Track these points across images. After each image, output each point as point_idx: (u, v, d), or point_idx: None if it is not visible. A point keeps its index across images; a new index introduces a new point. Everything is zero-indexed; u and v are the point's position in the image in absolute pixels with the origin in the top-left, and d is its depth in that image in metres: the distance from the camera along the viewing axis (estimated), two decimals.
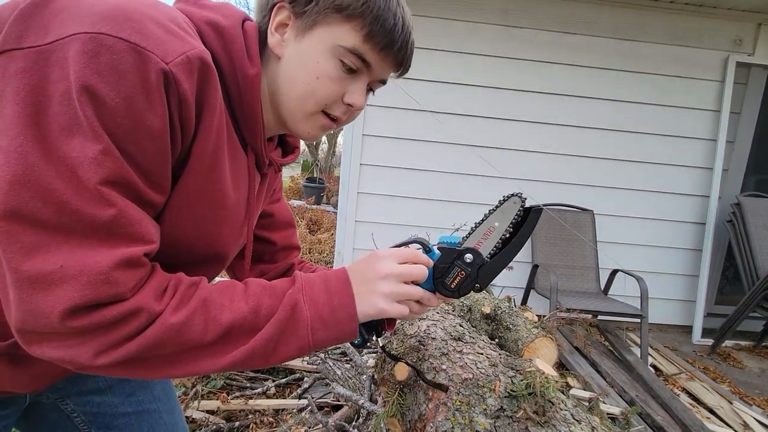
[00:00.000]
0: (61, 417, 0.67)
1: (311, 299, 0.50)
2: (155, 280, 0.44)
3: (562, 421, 0.65)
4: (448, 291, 0.56)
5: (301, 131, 0.57)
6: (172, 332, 0.43)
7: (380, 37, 0.51)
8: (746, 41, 2.87)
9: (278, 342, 0.48)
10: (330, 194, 7.31)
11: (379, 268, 0.53)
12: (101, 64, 0.37)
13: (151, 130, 0.40)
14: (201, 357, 0.46)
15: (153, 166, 0.43)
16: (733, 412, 2.00)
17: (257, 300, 0.48)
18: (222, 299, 0.47)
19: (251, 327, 0.47)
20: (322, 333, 0.49)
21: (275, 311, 0.48)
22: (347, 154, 2.94)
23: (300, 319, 0.48)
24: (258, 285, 0.50)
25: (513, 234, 0.53)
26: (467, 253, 0.55)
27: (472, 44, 2.82)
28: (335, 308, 0.50)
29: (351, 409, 1.57)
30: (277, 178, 0.78)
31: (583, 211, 2.93)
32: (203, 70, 0.44)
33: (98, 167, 0.38)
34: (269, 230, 0.79)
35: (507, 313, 1.44)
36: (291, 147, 0.71)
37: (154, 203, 0.45)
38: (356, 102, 0.55)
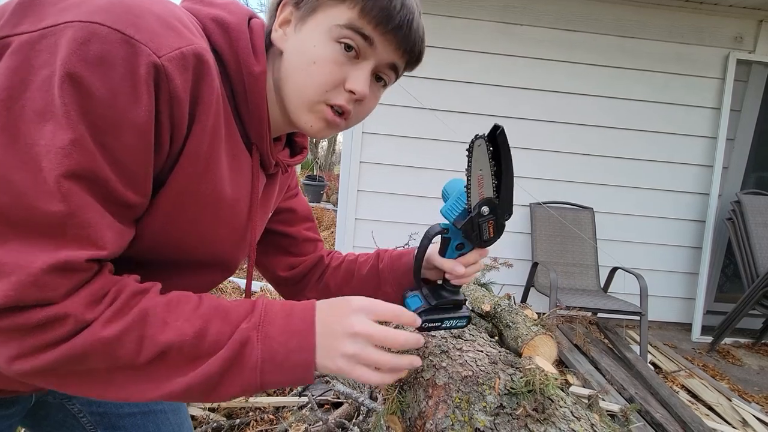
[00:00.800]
0: (68, 417, 0.67)
1: (266, 337, 0.44)
2: (95, 285, 0.40)
3: (561, 418, 0.65)
4: (491, 241, 0.59)
5: (305, 124, 0.54)
6: (100, 346, 0.39)
7: (375, 11, 0.48)
8: (747, 38, 2.86)
9: (221, 380, 0.43)
10: (330, 192, 7.31)
11: (350, 323, 0.46)
12: (90, 52, 0.36)
13: (135, 125, 0.39)
14: (132, 380, 0.41)
15: (133, 163, 0.40)
16: (732, 409, 2.00)
17: (205, 323, 0.43)
18: (166, 315, 0.42)
19: (191, 354, 0.42)
20: (272, 376, 0.44)
21: (222, 342, 0.43)
22: (347, 152, 2.93)
23: (248, 360, 0.43)
24: (210, 305, 0.45)
25: (498, 164, 0.55)
26: (481, 207, 0.56)
27: (472, 41, 2.81)
28: (291, 351, 0.44)
29: (351, 406, 1.58)
30: (290, 177, 0.77)
31: (582, 208, 2.92)
32: (199, 67, 0.42)
33: (64, 158, 0.36)
34: (288, 225, 0.78)
35: (507, 310, 1.44)
36: (299, 147, 0.70)
37: (129, 203, 0.42)
38: (357, 87, 0.51)
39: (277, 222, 0.77)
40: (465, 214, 0.57)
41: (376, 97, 0.58)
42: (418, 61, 0.56)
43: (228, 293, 2.80)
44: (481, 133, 0.52)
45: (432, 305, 0.63)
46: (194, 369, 0.42)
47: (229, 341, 0.43)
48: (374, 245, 2.59)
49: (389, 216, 2.96)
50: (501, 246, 3.22)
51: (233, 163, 0.52)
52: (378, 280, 0.76)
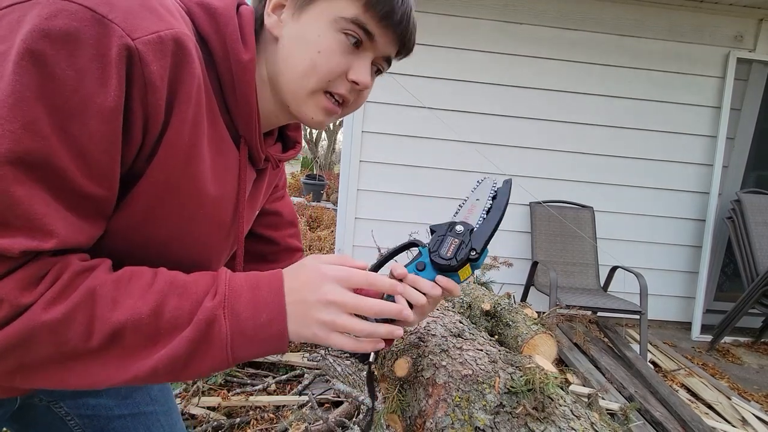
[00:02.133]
0: (55, 420, 0.65)
1: (233, 313, 0.42)
2: (31, 267, 0.37)
3: (561, 417, 0.65)
4: (444, 260, 0.55)
5: (304, 114, 0.53)
6: (44, 330, 0.36)
7: (380, 6, 0.48)
8: (747, 37, 2.86)
9: (189, 361, 0.40)
10: (330, 191, 7.31)
11: (323, 292, 0.44)
12: (57, 30, 0.33)
13: (102, 111, 0.36)
14: (92, 366, 0.38)
15: (97, 151, 0.37)
16: (731, 407, 2.01)
17: (161, 299, 0.40)
18: (117, 293, 0.39)
19: (150, 333, 0.39)
20: (244, 351, 0.43)
21: (182, 319, 0.40)
22: (347, 151, 2.93)
23: (216, 339, 0.41)
24: (165, 280, 0.42)
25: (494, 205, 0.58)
26: (457, 225, 0.57)
27: (472, 40, 2.81)
28: (262, 324, 0.43)
29: (351, 405, 1.58)
30: (279, 175, 0.74)
31: (582, 207, 2.92)
32: (179, 53, 0.40)
33: (12, 143, 0.33)
34: (273, 229, 0.75)
35: (507, 309, 1.44)
36: (292, 142, 0.67)
37: (89, 195, 0.39)
38: (361, 78, 0.51)
39: (260, 225, 0.73)
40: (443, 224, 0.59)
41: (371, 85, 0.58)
42: (409, 52, 0.57)
43: None
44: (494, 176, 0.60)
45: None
46: (158, 350, 0.39)
47: (194, 320, 0.40)
48: (374, 244, 2.59)
49: (389, 215, 2.95)
50: (501, 245, 3.22)
51: (217, 157, 0.50)
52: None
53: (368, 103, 2.82)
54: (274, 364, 2.02)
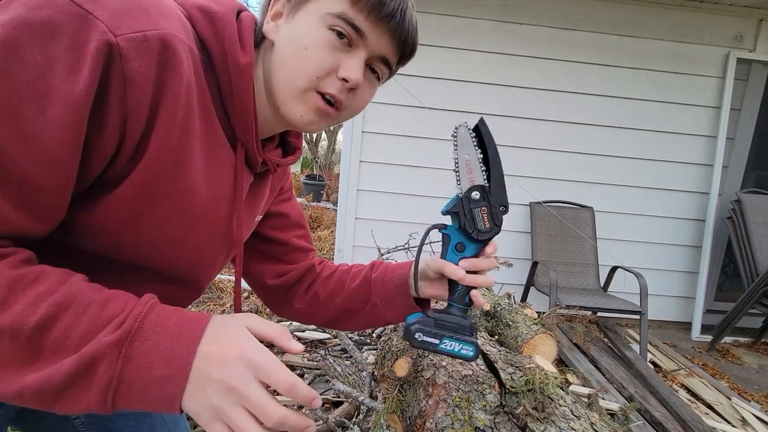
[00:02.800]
0: (59, 419, 0.65)
1: (128, 359, 0.36)
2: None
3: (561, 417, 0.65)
4: (488, 233, 0.56)
5: (294, 114, 0.51)
6: None
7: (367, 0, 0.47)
8: (747, 37, 2.86)
9: (62, 394, 0.35)
10: (330, 191, 7.31)
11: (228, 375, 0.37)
12: (37, 19, 0.33)
13: (67, 100, 0.35)
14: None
15: (52, 139, 0.35)
16: (731, 408, 2.01)
17: (55, 312, 0.35)
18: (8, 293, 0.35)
19: (27, 348, 0.35)
20: (125, 402, 0.37)
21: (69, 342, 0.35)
22: (347, 151, 2.93)
23: (98, 381, 0.35)
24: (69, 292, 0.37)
25: (484, 151, 0.56)
26: (471, 192, 0.55)
27: (471, 40, 2.81)
28: (154, 381, 0.36)
29: (351, 405, 1.58)
30: (284, 177, 0.74)
31: (582, 207, 2.93)
32: (165, 54, 0.39)
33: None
34: (279, 230, 0.75)
35: (507, 309, 1.44)
36: (292, 148, 0.66)
37: (36, 186, 0.36)
38: (351, 75, 0.49)
39: (267, 227, 0.73)
40: (456, 200, 0.57)
41: (370, 90, 0.56)
42: (411, 54, 0.55)
43: (228, 292, 2.80)
44: (464, 121, 0.55)
45: (425, 319, 0.58)
46: (31, 371, 0.35)
47: (79, 354, 0.35)
48: (374, 244, 2.59)
49: (389, 215, 2.95)
50: (501, 245, 3.21)
51: (210, 159, 0.49)
52: (369, 290, 0.73)
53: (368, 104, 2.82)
54: None
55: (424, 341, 0.57)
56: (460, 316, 0.58)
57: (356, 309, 0.74)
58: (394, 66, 0.56)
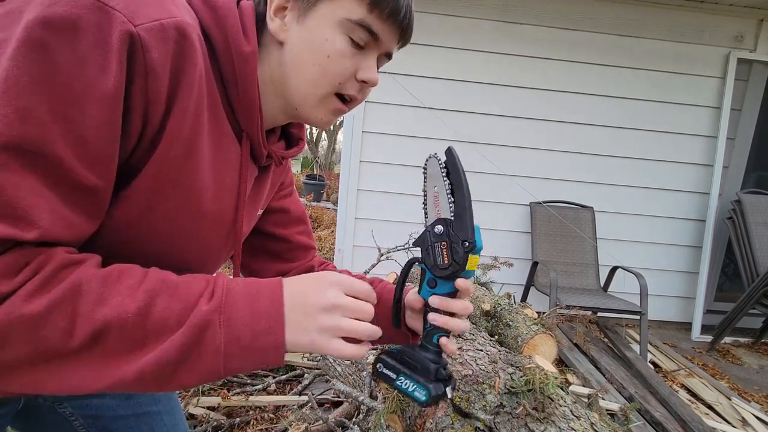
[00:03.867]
0: (59, 420, 0.65)
1: (229, 320, 0.40)
2: (10, 256, 0.34)
3: (561, 417, 0.65)
4: (446, 269, 0.52)
5: (314, 117, 0.53)
6: (22, 325, 0.33)
7: (384, 4, 0.48)
8: (747, 37, 2.86)
9: (178, 368, 0.38)
10: (330, 191, 7.31)
11: (325, 298, 0.43)
12: (58, 17, 0.33)
13: (102, 97, 0.36)
14: (69, 369, 0.36)
15: (96, 138, 0.36)
16: (731, 408, 2.01)
17: (150, 298, 0.38)
18: (103, 289, 0.37)
19: (135, 335, 0.37)
20: (237, 361, 0.40)
21: (170, 321, 0.38)
22: (347, 151, 2.93)
23: (209, 346, 0.39)
24: (156, 279, 0.40)
25: (452, 182, 0.54)
26: (435, 226, 0.54)
27: (472, 40, 2.81)
28: (258, 334, 0.40)
29: (351, 405, 1.58)
30: (284, 172, 0.73)
31: (582, 207, 2.92)
32: (181, 42, 0.39)
33: (5, 127, 0.32)
34: (281, 227, 0.74)
35: (507, 309, 1.44)
36: (295, 139, 0.66)
37: (86, 186, 0.37)
38: (370, 77, 0.52)
39: (269, 223, 0.73)
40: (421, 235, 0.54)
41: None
42: (407, 42, 0.57)
43: None
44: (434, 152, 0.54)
45: (394, 350, 0.57)
46: (145, 353, 0.37)
47: (187, 324, 0.38)
48: (374, 244, 2.59)
49: (389, 215, 2.95)
50: (501, 245, 3.22)
51: (217, 151, 0.49)
52: None
53: (368, 103, 2.82)
54: None
55: (382, 373, 0.56)
56: (426, 357, 0.55)
57: None
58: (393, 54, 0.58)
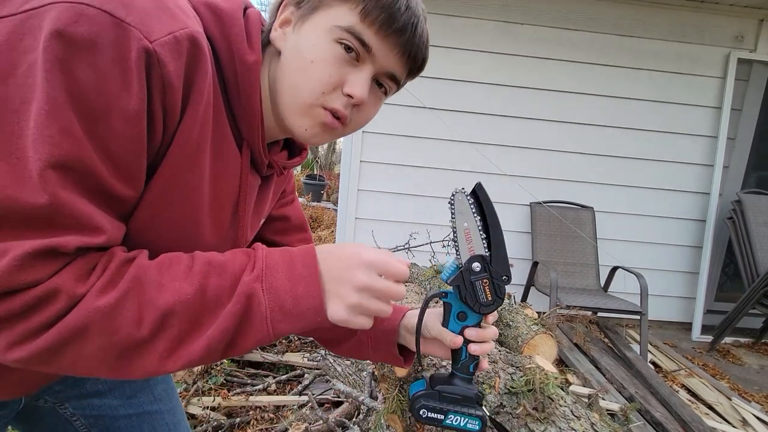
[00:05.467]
0: (60, 420, 0.65)
1: (271, 287, 0.43)
2: (80, 261, 0.38)
3: (561, 417, 0.65)
4: (491, 306, 0.54)
5: (298, 128, 0.51)
6: (98, 317, 0.37)
7: (377, 12, 0.46)
8: (748, 38, 2.86)
9: (235, 336, 0.42)
10: (330, 191, 7.31)
11: (357, 277, 0.45)
12: (77, 36, 0.34)
13: (126, 113, 0.37)
14: (142, 355, 0.39)
15: (125, 153, 0.38)
16: (732, 408, 2.01)
17: (203, 279, 0.41)
18: (161, 277, 0.40)
19: (194, 314, 0.41)
20: (284, 325, 0.44)
21: (223, 296, 0.42)
22: (347, 152, 2.93)
23: (257, 312, 0.43)
24: (203, 261, 0.43)
25: (483, 218, 0.54)
26: (472, 263, 0.53)
27: (472, 41, 2.81)
28: (299, 298, 0.44)
29: (351, 405, 1.58)
30: (287, 180, 0.73)
31: (583, 208, 2.92)
32: (193, 52, 0.40)
33: (52, 147, 0.34)
34: (281, 234, 0.74)
35: (507, 310, 1.44)
36: (298, 149, 0.65)
37: (121, 197, 0.40)
38: (355, 92, 0.48)
39: (269, 231, 0.72)
40: (457, 271, 0.54)
41: (376, 105, 0.55)
42: (420, 69, 0.53)
43: None
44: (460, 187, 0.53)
45: (434, 389, 0.57)
46: (206, 329, 0.41)
47: (234, 295, 0.42)
48: (374, 245, 2.59)
49: (389, 215, 2.95)
50: None
51: (217, 159, 0.49)
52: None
53: None
54: (274, 364, 2.02)
55: (429, 418, 0.56)
56: (464, 387, 0.57)
57: (340, 338, 0.71)
58: (403, 81, 0.54)
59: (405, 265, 0.49)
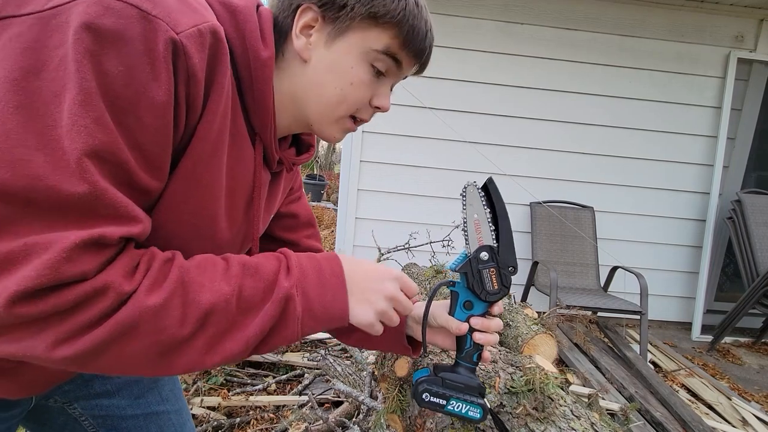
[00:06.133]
0: (69, 420, 0.66)
1: (304, 293, 0.47)
2: (125, 257, 0.39)
3: (561, 417, 0.65)
4: (497, 294, 0.56)
5: (327, 134, 0.56)
6: (148, 316, 0.38)
7: (414, 44, 0.52)
8: (748, 37, 2.86)
9: (270, 335, 0.45)
10: (330, 191, 7.30)
11: (387, 288, 0.52)
12: (105, 28, 0.35)
13: (154, 104, 0.38)
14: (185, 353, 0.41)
15: (152, 144, 0.39)
16: (731, 408, 2.01)
17: (239, 281, 0.44)
18: (202, 278, 0.42)
19: (233, 313, 0.43)
20: (310, 326, 0.47)
21: (257, 297, 0.44)
22: (347, 151, 2.93)
23: (291, 315, 0.46)
24: (238, 263, 0.46)
25: (493, 211, 0.56)
26: (480, 253, 0.55)
27: (472, 40, 2.81)
28: (327, 305, 0.48)
29: (351, 405, 1.58)
30: (294, 177, 0.74)
31: (583, 207, 2.92)
32: (215, 45, 0.41)
33: (87, 137, 0.35)
34: (290, 231, 0.75)
35: (507, 309, 1.44)
36: (306, 145, 0.67)
37: (147, 189, 0.41)
38: (384, 104, 0.56)
39: (278, 228, 0.74)
40: (465, 259, 0.57)
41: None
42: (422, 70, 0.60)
43: None
44: (472, 180, 0.56)
45: (438, 376, 0.59)
46: (243, 328, 0.43)
47: (272, 298, 0.45)
48: (374, 244, 2.59)
49: (389, 215, 2.95)
50: None
51: (234, 151, 0.50)
52: None
53: None
54: (275, 364, 2.02)
55: (431, 402, 0.58)
56: (467, 376, 0.58)
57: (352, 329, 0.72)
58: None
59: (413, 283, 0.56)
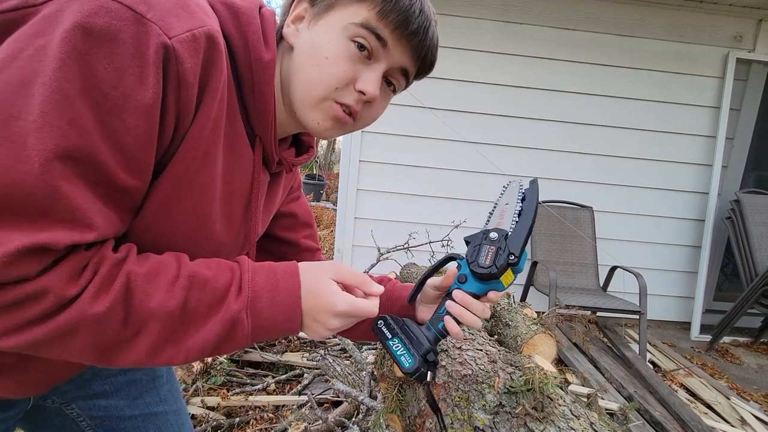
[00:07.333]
0: (66, 421, 0.66)
1: (254, 313, 0.46)
2: (72, 260, 0.38)
3: (560, 416, 0.65)
4: (485, 269, 0.55)
5: (312, 121, 0.52)
6: (89, 321, 0.38)
7: (394, 14, 0.48)
8: (747, 37, 2.86)
9: (215, 349, 0.45)
10: (329, 191, 7.31)
11: (335, 305, 0.48)
12: (98, 28, 0.34)
13: (141, 107, 0.37)
14: (122, 349, 0.42)
15: (135, 146, 0.39)
16: (730, 407, 2.01)
17: (186, 294, 0.43)
18: (148, 286, 0.41)
19: (176, 323, 0.43)
20: (262, 337, 0.48)
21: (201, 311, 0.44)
22: (347, 151, 2.93)
23: (240, 334, 0.46)
24: (188, 275, 0.44)
25: (524, 207, 0.57)
26: (491, 233, 0.56)
27: (472, 40, 2.81)
28: (278, 322, 0.47)
29: (351, 405, 1.58)
30: (294, 178, 0.74)
31: (582, 207, 2.93)
32: (210, 50, 0.41)
33: (60, 138, 0.34)
34: (289, 231, 0.75)
35: (506, 309, 1.44)
36: (306, 146, 0.66)
37: (127, 189, 0.40)
38: (368, 89, 0.50)
39: (277, 227, 0.74)
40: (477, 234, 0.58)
41: (384, 102, 0.57)
42: (429, 69, 0.56)
43: None
44: (518, 179, 0.59)
45: (399, 318, 0.60)
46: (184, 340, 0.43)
47: (219, 320, 0.44)
48: (374, 244, 2.59)
49: (389, 215, 2.95)
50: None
51: (230, 154, 0.50)
52: None
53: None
54: (274, 364, 2.02)
55: (380, 330, 0.59)
56: (425, 335, 0.58)
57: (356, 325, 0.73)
58: (411, 79, 0.57)
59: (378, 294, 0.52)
